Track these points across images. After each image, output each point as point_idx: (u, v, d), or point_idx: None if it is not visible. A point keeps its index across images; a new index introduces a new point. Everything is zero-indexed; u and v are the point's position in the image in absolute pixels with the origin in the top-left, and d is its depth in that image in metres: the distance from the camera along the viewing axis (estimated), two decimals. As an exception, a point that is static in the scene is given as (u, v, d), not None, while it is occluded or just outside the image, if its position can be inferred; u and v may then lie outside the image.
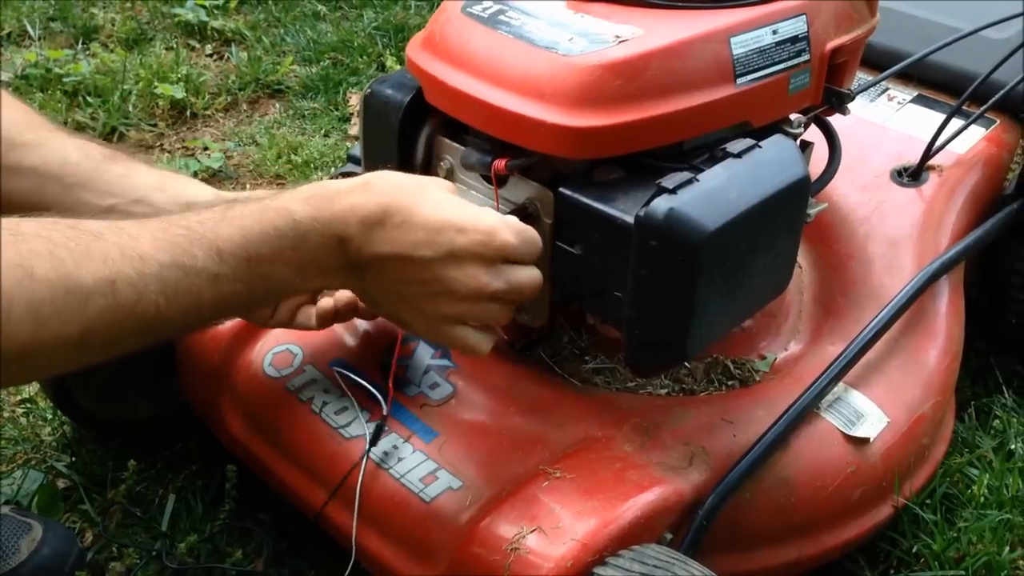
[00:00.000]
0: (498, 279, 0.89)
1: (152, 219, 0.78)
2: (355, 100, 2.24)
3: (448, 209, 0.88)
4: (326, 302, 1.06)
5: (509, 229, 0.89)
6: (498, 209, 1.00)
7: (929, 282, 1.22)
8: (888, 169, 1.38)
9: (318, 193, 0.86)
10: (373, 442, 1.04)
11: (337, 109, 2.22)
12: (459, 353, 1.13)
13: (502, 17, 1.01)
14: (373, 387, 1.08)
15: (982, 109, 1.35)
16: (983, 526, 1.17)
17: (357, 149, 1.40)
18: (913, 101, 1.49)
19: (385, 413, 1.06)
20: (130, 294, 0.72)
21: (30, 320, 0.67)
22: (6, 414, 1.38)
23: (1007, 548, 1.16)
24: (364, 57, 2.41)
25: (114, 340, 0.74)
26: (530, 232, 0.92)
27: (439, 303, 0.89)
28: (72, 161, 1.01)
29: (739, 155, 0.95)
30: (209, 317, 0.82)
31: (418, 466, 1.03)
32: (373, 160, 1.14)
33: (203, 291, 0.78)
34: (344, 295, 1.06)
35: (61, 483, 1.28)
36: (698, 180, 0.91)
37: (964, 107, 1.35)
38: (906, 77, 1.47)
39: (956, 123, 1.35)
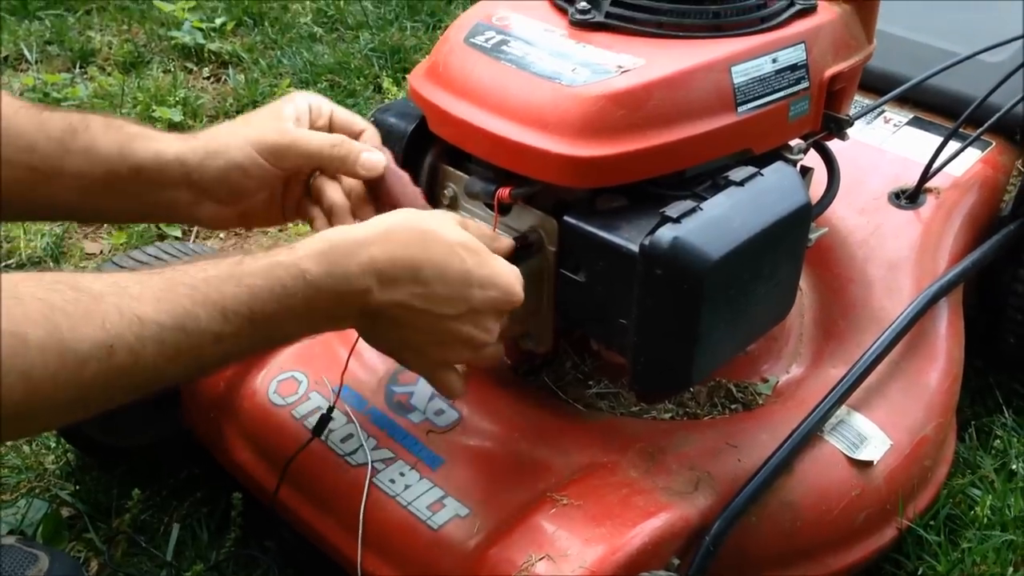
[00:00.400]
0: (500, 326, 0.92)
1: (156, 275, 0.78)
2: (353, 122, 2.25)
3: (474, 264, 0.88)
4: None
5: (520, 282, 0.92)
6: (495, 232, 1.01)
7: (929, 304, 1.23)
8: (886, 192, 1.39)
9: (334, 246, 0.84)
10: (317, 431, 1.07)
11: (335, 131, 2.22)
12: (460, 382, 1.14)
13: (505, 47, 1.02)
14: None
15: (979, 131, 1.37)
16: (987, 547, 1.18)
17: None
18: (909, 123, 1.50)
19: (332, 403, 1.09)
20: (127, 358, 0.72)
21: (23, 385, 0.67)
22: (8, 443, 1.38)
23: (1011, 569, 1.16)
24: (361, 79, 2.41)
25: (109, 399, 0.74)
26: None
27: (447, 351, 0.91)
28: (40, 149, 0.96)
29: (741, 183, 0.96)
30: (211, 370, 0.82)
31: (425, 493, 1.03)
32: (376, 188, 1.15)
33: (205, 350, 0.78)
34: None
35: (65, 512, 1.28)
36: (701, 209, 0.92)
37: (960, 130, 1.36)
38: (902, 100, 1.49)
39: (953, 145, 1.37)
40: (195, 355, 0.77)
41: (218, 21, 2.64)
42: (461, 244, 0.89)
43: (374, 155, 0.99)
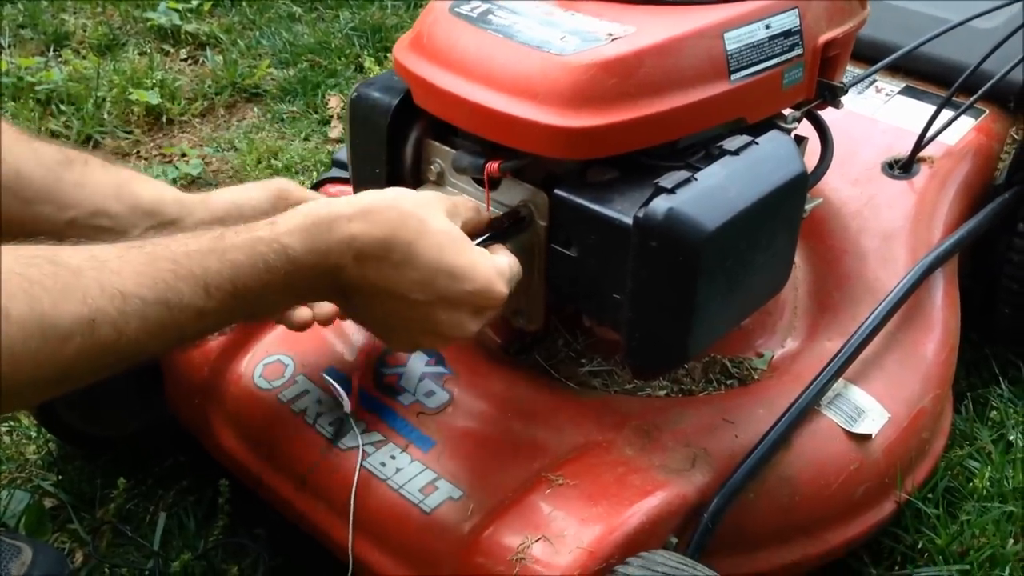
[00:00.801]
0: (482, 322, 0.88)
1: (136, 248, 0.75)
2: (334, 102, 2.21)
3: (449, 253, 0.85)
4: (303, 312, 1.04)
5: (503, 279, 0.88)
6: (488, 211, 0.99)
7: (925, 275, 1.21)
8: (879, 162, 1.37)
9: (315, 221, 0.82)
10: (336, 436, 1.05)
11: (316, 112, 2.19)
12: (455, 359, 1.12)
13: (491, 16, 0.99)
14: (339, 385, 1.07)
15: (972, 99, 1.35)
16: (986, 520, 1.17)
17: (342, 153, 1.38)
18: (901, 92, 1.48)
19: (347, 410, 1.07)
20: (110, 332, 0.70)
21: (5, 361, 0.65)
22: (-11, 431, 1.35)
23: (1011, 541, 1.15)
24: (342, 59, 2.38)
25: (93, 373, 0.72)
26: (517, 269, 0.92)
27: (419, 336, 0.89)
28: (26, 173, 0.97)
29: (736, 152, 0.93)
30: (191, 343, 0.81)
31: (417, 476, 1.01)
32: (360, 165, 1.12)
33: (187, 325, 0.76)
34: (325, 309, 1.04)
35: (48, 502, 1.25)
36: (696, 179, 0.90)
37: (953, 98, 1.34)
38: (894, 68, 1.46)
39: (946, 114, 1.35)
40: (177, 329, 0.75)
41: (195, 2, 2.60)
42: (441, 231, 0.86)
43: None
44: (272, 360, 1.14)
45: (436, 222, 0.86)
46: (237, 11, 2.62)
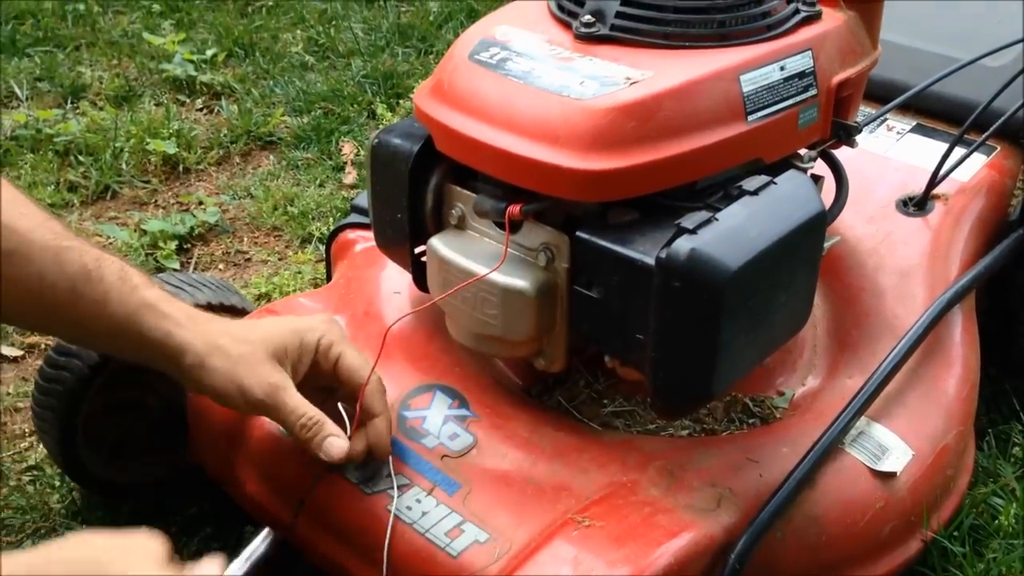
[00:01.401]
0: None
1: None
2: (348, 149, 2.23)
3: None
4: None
5: None
6: (505, 256, 1.00)
7: (944, 311, 1.21)
8: (893, 199, 1.38)
9: None
10: (363, 481, 1.04)
11: (331, 159, 2.21)
12: (478, 401, 1.12)
13: (510, 63, 1.01)
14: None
15: (984, 136, 1.36)
16: (1012, 558, 1.16)
17: (361, 199, 1.39)
18: (912, 131, 1.49)
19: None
20: None
21: None
22: (12, 482, 1.35)
23: (1038, 578, 1.14)
24: (354, 106, 2.41)
25: None
26: None
27: None
28: (49, 283, 0.95)
29: (756, 192, 0.94)
30: None
31: (443, 520, 1.01)
32: (381, 210, 1.14)
33: None
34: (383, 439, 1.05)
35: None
36: (717, 219, 0.91)
37: (964, 135, 1.36)
38: (904, 107, 1.48)
39: (958, 151, 1.36)
40: None
41: (209, 53, 2.63)
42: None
43: (336, 445, 1.00)
44: (295, 405, 1.14)
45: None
46: (251, 61, 2.66)
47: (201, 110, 2.45)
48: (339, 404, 1.06)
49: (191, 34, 2.77)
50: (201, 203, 2.04)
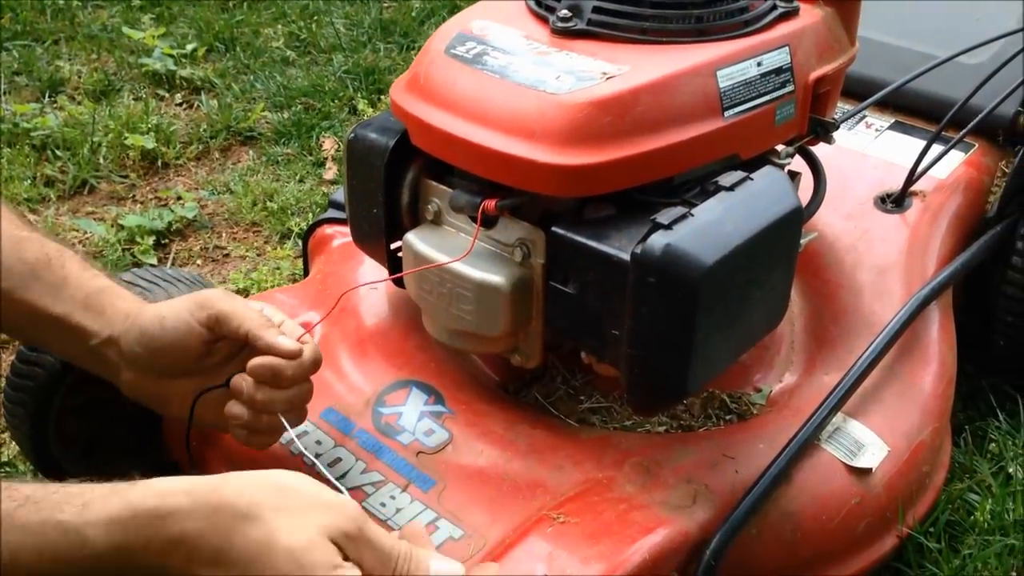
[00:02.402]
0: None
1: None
2: (328, 144, 2.22)
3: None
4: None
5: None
6: (472, 247, 0.99)
7: (921, 308, 1.22)
8: (871, 196, 1.38)
9: (136, 514, 0.73)
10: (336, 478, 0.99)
11: (311, 154, 2.20)
12: (454, 398, 1.11)
13: (486, 57, 1.00)
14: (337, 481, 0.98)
15: (962, 133, 1.36)
16: (988, 553, 1.16)
17: (339, 194, 1.39)
18: (891, 128, 1.49)
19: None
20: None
21: None
22: (-17, 479, 1.33)
23: (1013, 574, 1.14)
24: (335, 101, 2.39)
25: None
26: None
27: None
28: (7, 266, 0.96)
29: (731, 188, 0.94)
30: None
31: (417, 516, 1.00)
32: (357, 205, 1.13)
33: None
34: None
35: None
36: (692, 215, 0.91)
37: (943, 132, 1.36)
38: (883, 104, 1.48)
39: (936, 148, 1.36)
40: None
41: (189, 47, 2.62)
42: (291, 549, 0.72)
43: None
44: (270, 401, 1.13)
45: (286, 536, 0.73)
46: (231, 56, 2.64)
47: (181, 105, 2.44)
48: (279, 415, 1.00)
49: (171, 28, 2.75)
50: (180, 198, 2.02)
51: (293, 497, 0.76)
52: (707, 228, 0.89)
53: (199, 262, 1.87)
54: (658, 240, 0.87)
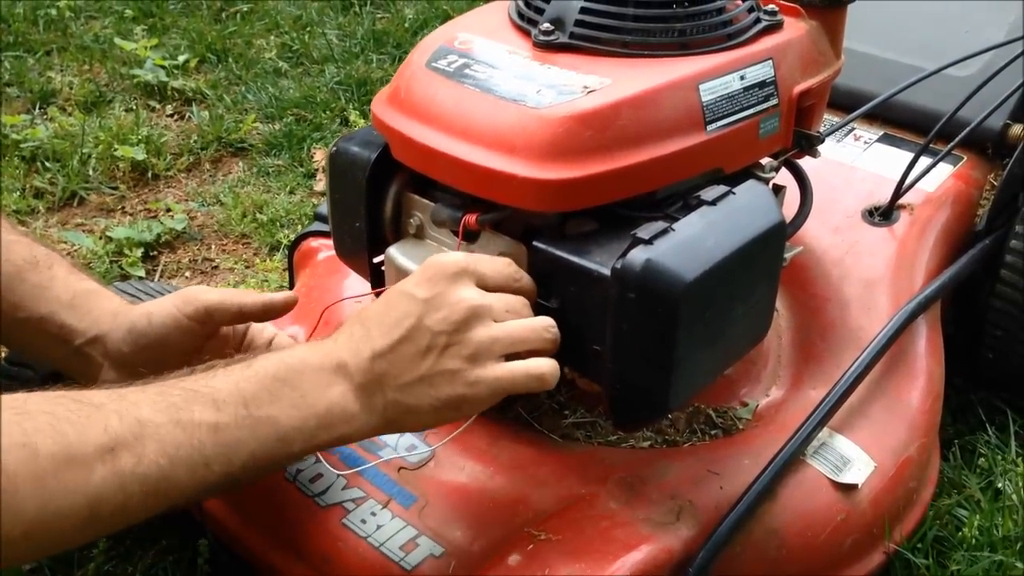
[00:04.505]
0: (485, 297, 0.88)
1: (154, 383, 0.80)
2: (319, 156, 2.22)
3: (417, 295, 0.88)
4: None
5: (448, 259, 0.90)
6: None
7: (908, 322, 1.21)
8: (859, 209, 1.37)
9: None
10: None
11: (302, 166, 2.20)
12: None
13: (468, 70, 1.00)
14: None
15: (950, 146, 1.35)
16: (976, 569, 1.15)
17: (324, 207, 1.38)
18: (879, 140, 1.49)
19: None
20: (129, 458, 0.73)
21: (35, 496, 0.68)
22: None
23: (1001, 590, 1.14)
24: (327, 112, 2.39)
25: (120, 508, 0.73)
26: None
27: (435, 388, 0.86)
28: None
29: (714, 203, 0.94)
30: (220, 474, 0.78)
31: (397, 533, 0.99)
32: (340, 218, 1.12)
33: (205, 444, 0.77)
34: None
35: (25, 564, 1.22)
36: (674, 229, 0.90)
37: (931, 145, 1.35)
38: (871, 117, 1.48)
39: (924, 161, 1.35)
40: (196, 451, 0.76)
41: (181, 58, 2.62)
42: (416, 283, 0.88)
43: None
44: (252, 416, 1.12)
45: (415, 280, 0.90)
46: (223, 67, 2.64)
47: (172, 116, 2.44)
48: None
49: (163, 39, 2.76)
50: (169, 210, 2.02)
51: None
52: (688, 243, 0.89)
53: (187, 274, 1.86)
54: (638, 255, 0.86)
